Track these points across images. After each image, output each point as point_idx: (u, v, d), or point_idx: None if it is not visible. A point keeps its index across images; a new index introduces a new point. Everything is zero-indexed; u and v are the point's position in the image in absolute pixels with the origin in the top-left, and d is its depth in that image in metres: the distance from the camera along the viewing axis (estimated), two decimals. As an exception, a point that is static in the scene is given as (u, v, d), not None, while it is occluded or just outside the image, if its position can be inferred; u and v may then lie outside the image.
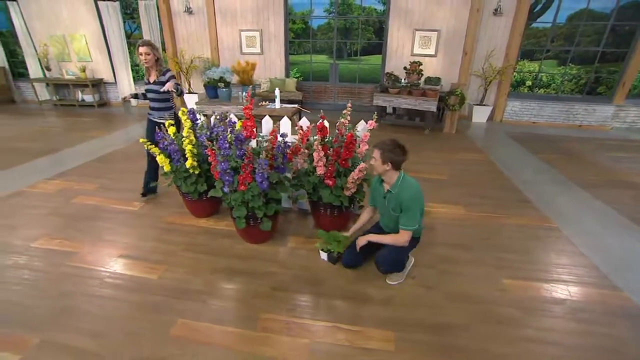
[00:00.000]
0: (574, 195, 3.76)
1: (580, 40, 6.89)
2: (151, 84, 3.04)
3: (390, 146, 2.00)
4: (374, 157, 2.05)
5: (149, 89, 3.08)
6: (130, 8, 8.57)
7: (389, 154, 2.00)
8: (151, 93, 3.08)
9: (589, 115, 6.66)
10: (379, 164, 2.04)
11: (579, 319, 2.06)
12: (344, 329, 1.94)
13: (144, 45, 2.85)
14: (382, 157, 2.02)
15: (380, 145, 2.03)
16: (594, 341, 1.91)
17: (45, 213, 3.19)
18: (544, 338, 1.92)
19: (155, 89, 3.02)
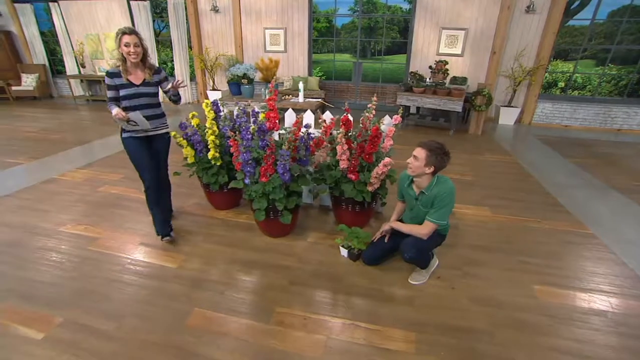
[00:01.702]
0: (612, 201, 3.50)
1: (622, 38, 6.45)
2: (139, 85, 2.25)
3: (439, 150, 1.90)
4: (417, 156, 1.94)
5: (137, 93, 2.24)
6: (160, 7, 8.86)
7: (435, 158, 1.90)
8: (142, 98, 2.28)
9: (629, 119, 6.23)
10: (421, 165, 1.93)
11: (621, 332, 1.89)
12: (362, 327, 1.87)
13: (131, 34, 2.11)
14: (427, 159, 1.91)
15: (429, 146, 1.91)
16: (636, 358, 1.74)
17: (73, 200, 3.31)
18: (579, 351, 1.77)
19: (148, 92, 2.30)
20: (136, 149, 2.37)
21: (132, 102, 2.27)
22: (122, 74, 2.21)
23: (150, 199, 2.53)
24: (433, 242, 2.13)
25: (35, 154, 4.62)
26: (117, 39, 2.14)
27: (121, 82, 2.22)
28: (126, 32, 2.14)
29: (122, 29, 2.14)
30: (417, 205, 2.12)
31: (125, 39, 2.13)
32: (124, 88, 2.23)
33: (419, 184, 2.05)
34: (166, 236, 2.58)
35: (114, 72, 2.23)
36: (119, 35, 2.14)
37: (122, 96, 2.24)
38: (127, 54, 2.15)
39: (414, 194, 2.12)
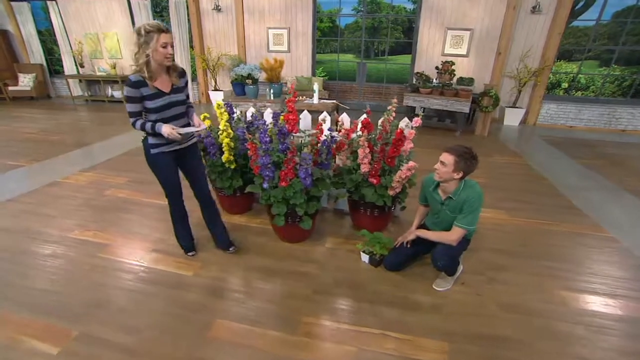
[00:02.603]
0: (626, 203, 3.48)
1: (627, 39, 6.47)
2: (170, 93, 1.89)
3: (468, 155, 1.84)
4: (445, 161, 1.88)
5: (169, 103, 1.89)
6: (160, 6, 8.73)
7: (465, 163, 1.84)
8: (173, 108, 1.92)
9: (634, 120, 6.25)
10: (449, 171, 1.87)
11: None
12: (392, 337, 1.81)
13: (168, 32, 1.77)
14: (456, 165, 1.85)
15: (457, 151, 1.85)
16: (676, 366, 1.70)
17: (78, 204, 3.20)
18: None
19: (179, 100, 1.94)
20: (169, 166, 2.04)
21: (163, 114, 1.87)
22: (148, 81, 1.79)
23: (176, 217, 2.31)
24: (462, 247, 2.08)
25: (36, 156, 4.50)
26: (148, 37, 1.71)
27: (149, 91, 1.80)
28: (163, 29, 1.74)
29: (156, 26, 1.73)
30: (443, 210, 2.06)
31: (164, 38, 1.73)
32: (154, 98, 1.82)
33: (446, 189, 1.99)
34: (229, 248, 2.44)
35: (139, 81, 1.77)
36: (153, 33, 1.71)
37: (151, 109, 1.83)
38: (165, 56, 1.78)
39: (439, 199, 2.06)
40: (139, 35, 1.72)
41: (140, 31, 1.72)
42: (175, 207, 2.28)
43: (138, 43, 1.74)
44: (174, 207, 2.27)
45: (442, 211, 2.06)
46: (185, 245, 2.43)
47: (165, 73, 1.88)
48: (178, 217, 2.33)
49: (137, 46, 1.74)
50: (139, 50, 1.74)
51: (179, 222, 2.35)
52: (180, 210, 2.30)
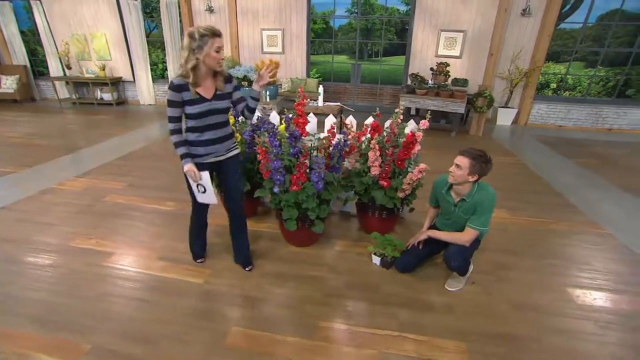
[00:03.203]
0: (620, 200, 3.60)
1: (611, 41, 6.71)
2: (211, 99, 1.81)
3: (482, 158, 1.86)
4: (460, 165, 1.90)
5: (210, 110, 1.81)
6: (150, 7, 8.56)
7: (480, 166, 1.87)
8: (213, 115, 1.84)
9: (619, 119, 6.48)
10: (464, 174, 1.90)
11: (662, 333, 1.92)
12: (410, 339, 1.82)
13: (221, 35, 1.72)
14: (471, 168, 1.87)
15: (472, 155, 1.88)
16: (682, 358, 1.76)
17: (77, 211, 3.11)
18: (636, 357, 1.78)
19: (221, 107, 1.85)
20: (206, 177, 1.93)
21: (202, 121, 1.81)
22: (191, 87, 1.72)
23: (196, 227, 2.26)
24: (474, 248, 2.11)
25: (25, 161, 4.34)
26: (202, 42, 1.63)
27: (189, 96, 1.73)
28: (217, 33, 1.68)
29: (210, 29, 1.66)
30: (455, 212, 2.09)
31: (218, 42, 1.68)
32: (194, 104, 1.75)
33: (459, 191, 2.02)
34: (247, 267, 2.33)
35: (182, 85, 1.70)
36: (207, 37, 1.64)
37: (190, 114, 1.78)
38: (217, 61, 1.71)
39: (452, 201, 2.09)
40: (192, 39, 1.65)
41: (194, 34, 1.64)
42: (197, 218, 2.22)
43: (189, 47, 1.66)
44: (196, 218, 2.22)
45: (455, 213, 2.08)
46: (196, 252, 2.38)
47: (212, 78, 1.80)
48: (197, 227, 2.28)
49: (188, 50, 1.66)
50: (189, 54, 1.66)
51: (197, 231, 2.30)
52: (201, 220, 2.24)
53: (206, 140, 1.87)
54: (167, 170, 4.12)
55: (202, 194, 1.96)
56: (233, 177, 2.06)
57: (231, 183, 2.07)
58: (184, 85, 1.72)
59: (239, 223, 2.26)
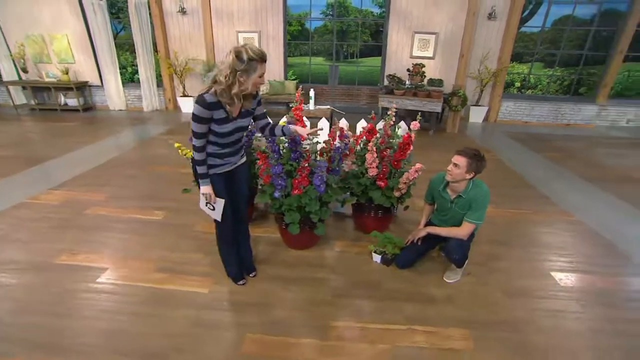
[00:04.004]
0: (584, 190, 3.95)
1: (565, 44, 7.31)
2: (237, 117, 1.73)
3: (478, 157, 1.98)
4: (458, 163, 2.01)
5: (235, 129, 1.76)
6: (116, 7, 8.14)
7: (476, 164, 1.99)
8: (237, 133, 1.80)
9: (575, 115, 7.07)
10: (462, 172, 2.01)
11: (636, 308, 2.15)
12: (419, 331, 1.91)
13: (266, 60, 1.67)
14: (468, 166, 1.99)
15: (468, 154, 1.99)
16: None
17: (56, 226, 2.92)
18: (615, 328, 1.98)
19: (245, 125, 1.82)
20: (219, 187, 1.87)
21: (227, 138, 1.74)
22: (227, 107, 1.63)
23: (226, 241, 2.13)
24: (470, 240, 2.24)
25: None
26: (249, 66, 1.55)
27: (220, 115, 1.64)
28: (265, 58, 1.59)
29: (259, 54, 1.56)
30: (452, 208, 2.21)
31: (263, 68, 1.60)
32: (223, 123, 1.67)
33: (456, 189, 2.14)
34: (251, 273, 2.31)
35: (215, 103, 1.60)
36: (256, 63, 1.56)
37: (217, 133, 1.69)
38: (257, 86, 1.66)
39: (449, 198, 2.20)
40: (238, 60, 1.54)
41: (242, 57, 1.54)
42: (223, 232, 2.08)
43: (233, 67, 1.54)
44: (223, 231, 2.07)
45: (452, 209, 2.20)
46: (235, 273, 2.23)
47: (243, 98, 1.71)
48: (227, 242, 2.13)
49: (231, 69, 1.55)
50: (231, 75, 1.55)
51: (229, 247, 2.15)
52: (229, 233, 2.09)
53: (224, 153, 1.82)
54: (149, 179, 3.97)
55: (209, 209, 1.92)
56: (242, 184, 2.04)
57: (240, 189, 2.04)
58: (217, 103, 1.61)
59: (243, 230, 2.24)
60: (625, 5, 6.41)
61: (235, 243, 2.18)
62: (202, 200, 1.91)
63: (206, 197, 1.85)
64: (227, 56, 1.57)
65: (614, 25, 6.64)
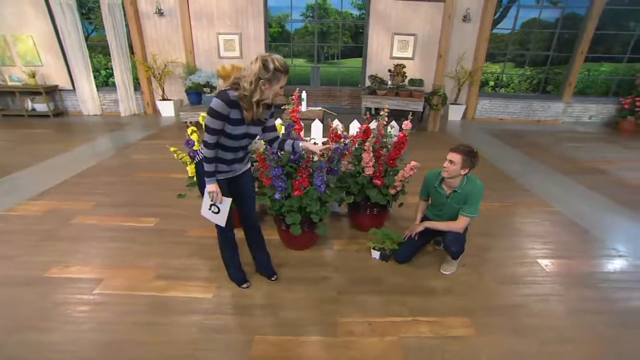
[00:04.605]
0: (559, 181, 4.23)
1: (533, 45, 7.77)
2: (248, 124, 1.74)
3: (473, 153, 2.09)
4: (453, 160, 2.10)
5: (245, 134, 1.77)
6: (86, 7, 7.78)
7: (470, 160, 2.09)
8: (245, 139, 1.81)
9: (544, 112, 7.52)
10: (457, 168, 2.10)
11: (617, 287, 2.35)
12: (423, 321, 1.99)
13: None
14: (463, 162, 2.08)
15: (463, 151, 2.09)
16: (634, 304, 2.19)
17: (42, 239, 2.79)
18: (595, 307, 2.15)
19: (254, 133, 1.83)
20: (223, 192, 1.86)
21: (236, 143, 1.76)
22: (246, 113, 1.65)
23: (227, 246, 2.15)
24: (465, 232, 2.35)
25: (-45, 187, 3.73)
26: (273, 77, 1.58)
27: (236, 116, 1.66)
28: (288, 70, 1.63)
29: (284, 66, 1.60)
30: (448, 203, 2.31)
31: (285, 80, 1.64)
32: (236, 125, 1.67)
33: (451, 184, 2.24)
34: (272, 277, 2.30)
35: (235, 102, 1.61)
36: (280, 74, 1.60)
37: (228, 134, 1.69)
38: (275, 96, 1.69)
39: (444, 193, 2.31)
40: (264, 69, 1.57)
41: (268, 66, 1.57)
42: (225, 236, 2.10)
43: (258, 74, 1.57)
44: (224, 236, 2.09)
45: (448, 204, 2.31)
46: (237, 277, 2.24)
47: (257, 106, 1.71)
48: (229, 246, 2.15)
49: (255, 76, 1.57)
50: (256, 81, 1.58)
51: (230, 252, 2.18)
52: (230, 239, 2.12)
53: (231, 159, 1.83)
54: (135, 186, 3.85)
55: (213, 213, 1.89)
56: (247, 188, 2.04)
57: (245, 194, 2.04)
58: (236, 102, 1.63)
59: (257, 236, 2.23)
60: (584, 9, 6.91)
61: (236, 249, 2.20)
62: (205, 204, 1.89)
63: (212, 197, 1.81)
64: (252, 64, 1.59)
65: (576, 28, 7.12)
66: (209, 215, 1.93)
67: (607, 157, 5.30)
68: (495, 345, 1.85)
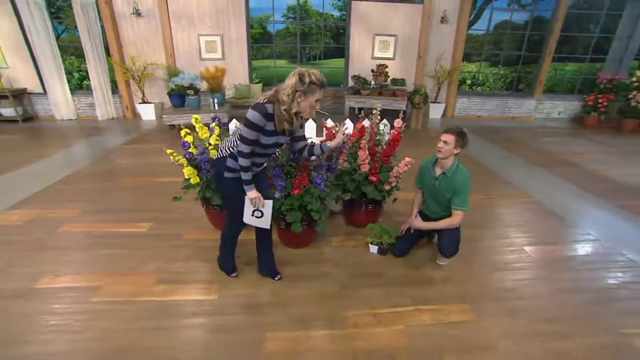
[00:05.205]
0: (536, 174, 4.50)
1: (506, 45, 8.17)
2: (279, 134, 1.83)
3: (463, 133, 2.22)
4: (447, 141, 2.20)
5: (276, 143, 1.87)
6: (55, 6, 7.41)
7: (462, 140, 2.21)
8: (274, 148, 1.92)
9: (518, 108, 7.93)
10: (451, 148, 2.21)
11: (593, 268, 2.55)
12: (425, 310, 2.09)
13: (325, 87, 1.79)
14: (456, 142, 2.20)
15: (455, 131, 2.21)
16: (607, 282, 2.38)
17: (27, 249, 2.66)
18: (575, 287, 2.33)
19: (282, 143, 1.94)
20: (240, 191, 1.91)
21: (266, 150, 1.86)
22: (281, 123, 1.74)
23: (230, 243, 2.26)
24: (459, 231, 2.45)
25: None
26: (309, 89, 1.67)
27: (271, 127, 1.75)
28: (325, 85, 1.73)
29: (321, 80, 1.69)
30: (436, 186, 2.37)
31: (320, 94, 1.73)
32: (270, 135, 1.77)
33: (444, 165, 2.33)
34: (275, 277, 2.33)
35: (271, 114, 1.71)
36: (316, 87, 1.69)
37: (261, 144, 1.78)
38: (311, 110, 1.78)
39: (434, 175, 2.39)
40: (300, 82, 1.67)
41: (304, 79, 1.66)
42: (233, 234, 2.20)
43: (295, 87, 1.67)
44: (233, 233, 2.19)
45: (437, 189, 2.37)
46: (231, 266, 2.34)
47: None
48: (231, 244, 2.26)
49: (292, 89, 1.67)
50: (293, 95, 1.68)
51: (230, 248, 2.29)
52: (238, 233, 2.23)
53: (255, 163, 1.91)
54: (121, 191, 3.75)
55: (257, 218, 1.98)
56: (264, 187, 2.08)
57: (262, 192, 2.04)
58: (272, 115, 1.72)
59: (268, 236, 2.26)
60: (550, 13, 7.36)
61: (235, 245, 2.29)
62: (246, 211, 1.95)
63: (254, 203, 1.89)
64: (290, 78, 1.69)
65: (543, 30, 7.57)
66: (252, 221, 2.01)
67: (575, 150, 5.68)
68: (492, 328, 1.97)
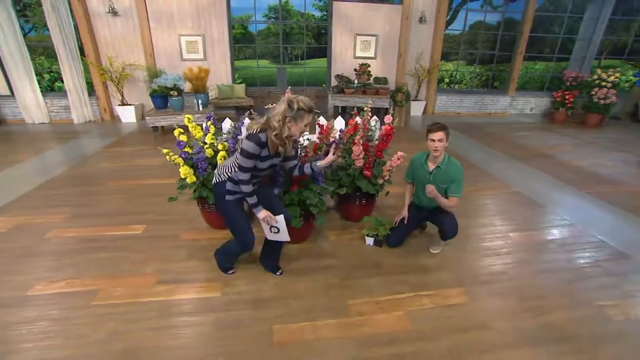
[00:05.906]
0: (515, 166, 4.77)
1: (481, 45, 8.55)
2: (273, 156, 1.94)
3: (446, 126, 2.36)
4: (440, 138, 2.31)
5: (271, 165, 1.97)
6: (21, 3, 7.02)
7: (448, 133, 2.35)
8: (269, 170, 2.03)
9: (494, 105, 8.32)
10: (444, 144, 2.34)
11: (570, 249, 2.76)
12: (424, 295, 2.20)
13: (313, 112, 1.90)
14: (446, 136, 2.34)
15: (441, 127, 2.33)
16: (583, 262, 2.60)
17: (15, 256, 2.55)
18: (556, 267, 2.53)
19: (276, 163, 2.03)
20: (240, 211, 2.06)
21: (262, 173, 1.96)
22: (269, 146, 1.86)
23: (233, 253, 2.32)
24: (454, 216, 2.59)
25: None
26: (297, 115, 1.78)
27: (266, 153, 1.87)
28: (312, 110, 1.82)
29: (308, 106, 1.80)
30: (430, 180, 2.49)
31: (309, 118, 1.83)
32: (265, 160, 1.89)
33: (436, 159, 2.46)
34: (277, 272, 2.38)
35: (265, 142, 1.82)
36: (304, 112, 1.79)
37: (258, 168, 1.89)
38: (301, 133, 1.89)
39: (427, 169, 2.51)
40: (289, 108, 1.77)
41: (293, 105, 1.77)
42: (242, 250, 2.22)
43: (284, 113, 1.77)
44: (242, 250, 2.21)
45: (430, 181, 2.48)
46: (227, 266, 2.37)
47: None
48: (237, 254, 2.33)
49: (282, 116, 1.78)
50: (283, 120, 1.78)
51: (234, 256, 2.36)
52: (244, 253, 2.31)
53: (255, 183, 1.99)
54: (108, 194, 3.65)
55: (275, 233, 2.09)
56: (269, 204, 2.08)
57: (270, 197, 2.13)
58: (266, 142, 1.83)
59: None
60: (520, 14, 7.77)
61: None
62: (265, 229, 2.07)
63: (267, 221, 2.00)
64: (279, 104, 1.82)
65: (514, 31, 7.98)
66: (273, 237, 2.14)
67: (548, 143, 6.04)
68: (485, 308, 2.11)
